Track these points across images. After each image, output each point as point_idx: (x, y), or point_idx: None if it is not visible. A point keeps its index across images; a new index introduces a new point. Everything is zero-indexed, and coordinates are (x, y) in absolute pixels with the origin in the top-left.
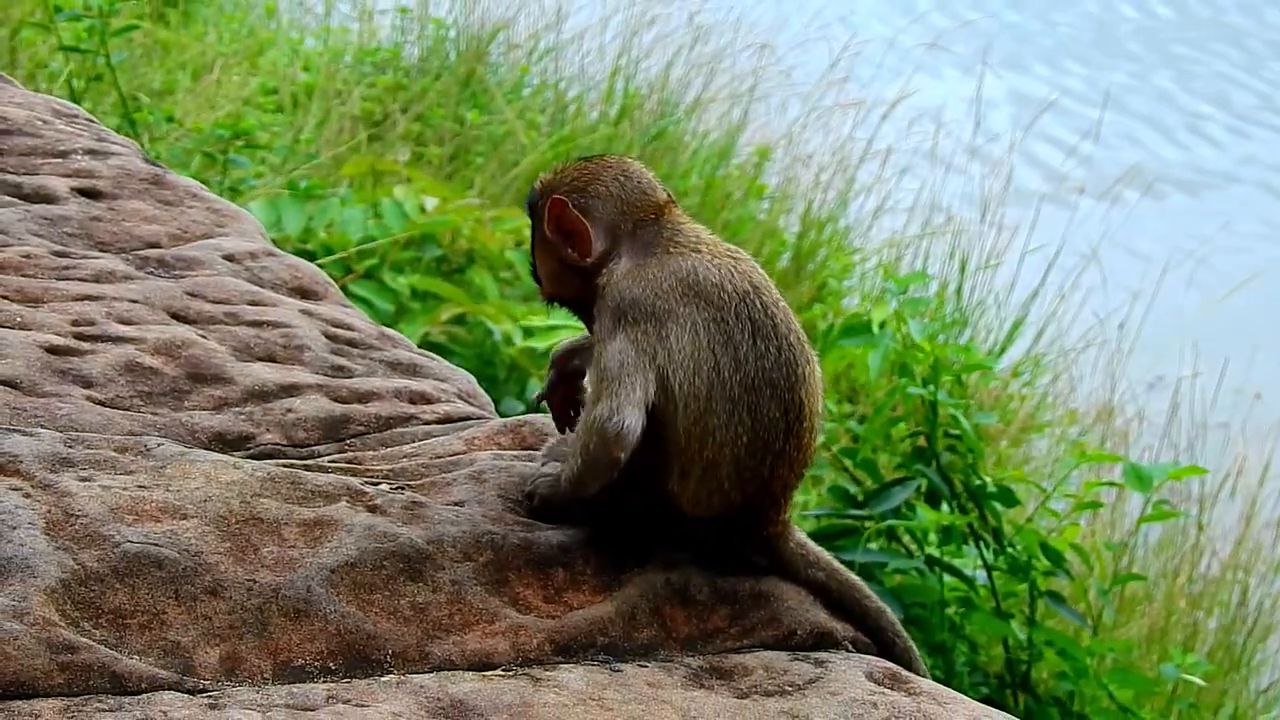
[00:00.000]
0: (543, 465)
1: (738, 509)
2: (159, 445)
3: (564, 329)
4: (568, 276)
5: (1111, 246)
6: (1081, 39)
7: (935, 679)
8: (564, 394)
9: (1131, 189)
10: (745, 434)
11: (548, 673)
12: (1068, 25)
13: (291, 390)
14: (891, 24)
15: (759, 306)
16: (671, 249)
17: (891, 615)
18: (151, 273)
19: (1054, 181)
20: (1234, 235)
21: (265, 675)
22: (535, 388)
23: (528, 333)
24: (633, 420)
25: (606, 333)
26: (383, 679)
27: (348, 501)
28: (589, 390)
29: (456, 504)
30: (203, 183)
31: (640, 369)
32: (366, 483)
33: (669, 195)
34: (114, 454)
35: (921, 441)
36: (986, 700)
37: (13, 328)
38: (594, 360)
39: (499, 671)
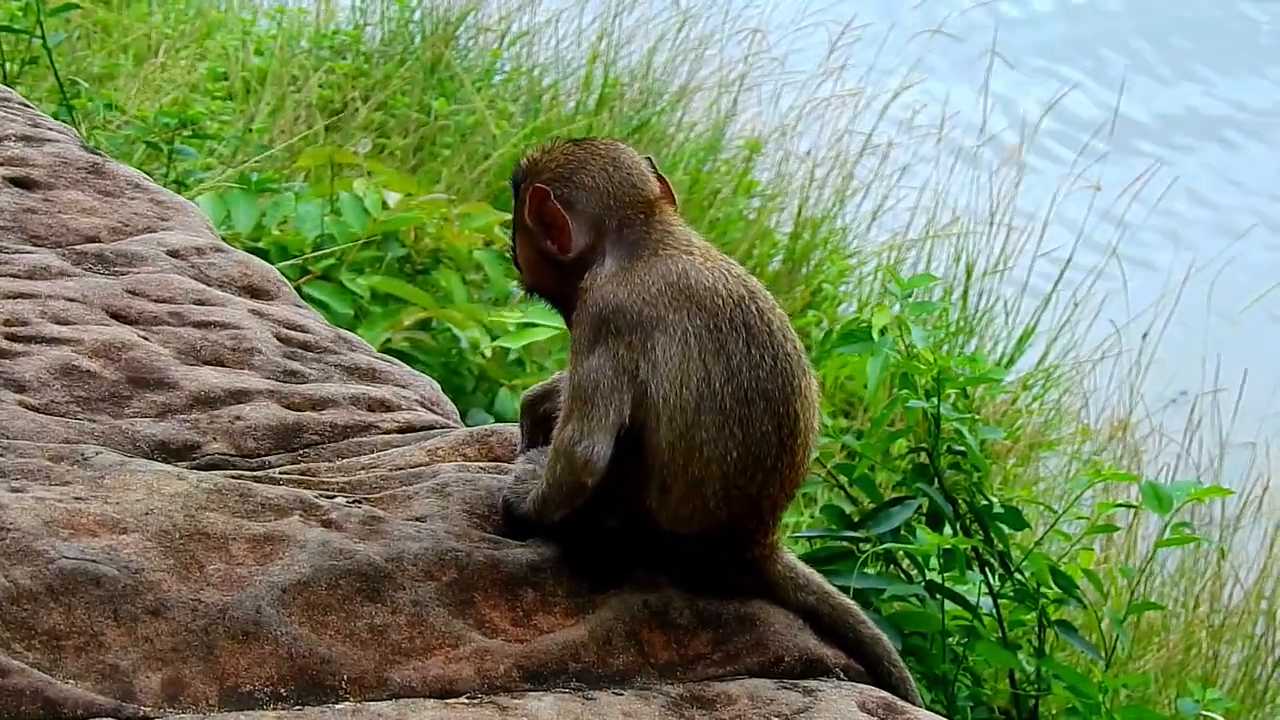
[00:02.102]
0: (515, 475)
1: (722, 528)
2: (97, 454)
3: (536, 328)
4: (546, 268)
5: (1129, 251)
6: (1100, 26)
7: (936, 714)
8: (543, 441)
9: (1151, 189)
10: (735, 449)
11: (516, 701)
12: (1086, 12)
13: (240, 396)
14: (893, 9)
15: (754, 312)
16: (660, 251)
17: (888, 643)
18: (90, 269)
19: (1067, 180)
20: (1260, 240)
21: (210, 702)
22: (505, 399)
23: (494, 336)
24: (602, 447)
25: (585, 346)
26: (337, 706)
27: (300, 516)
28: (561, 405)
29: (418, 519)
30: (147, 175)
31: (616, 389)
32: (321, 496)
33: (665, 188)
34: (48, 463)
35: (923, 458)
36: None
37: None
38: (569, 374)
39: (463, 699)
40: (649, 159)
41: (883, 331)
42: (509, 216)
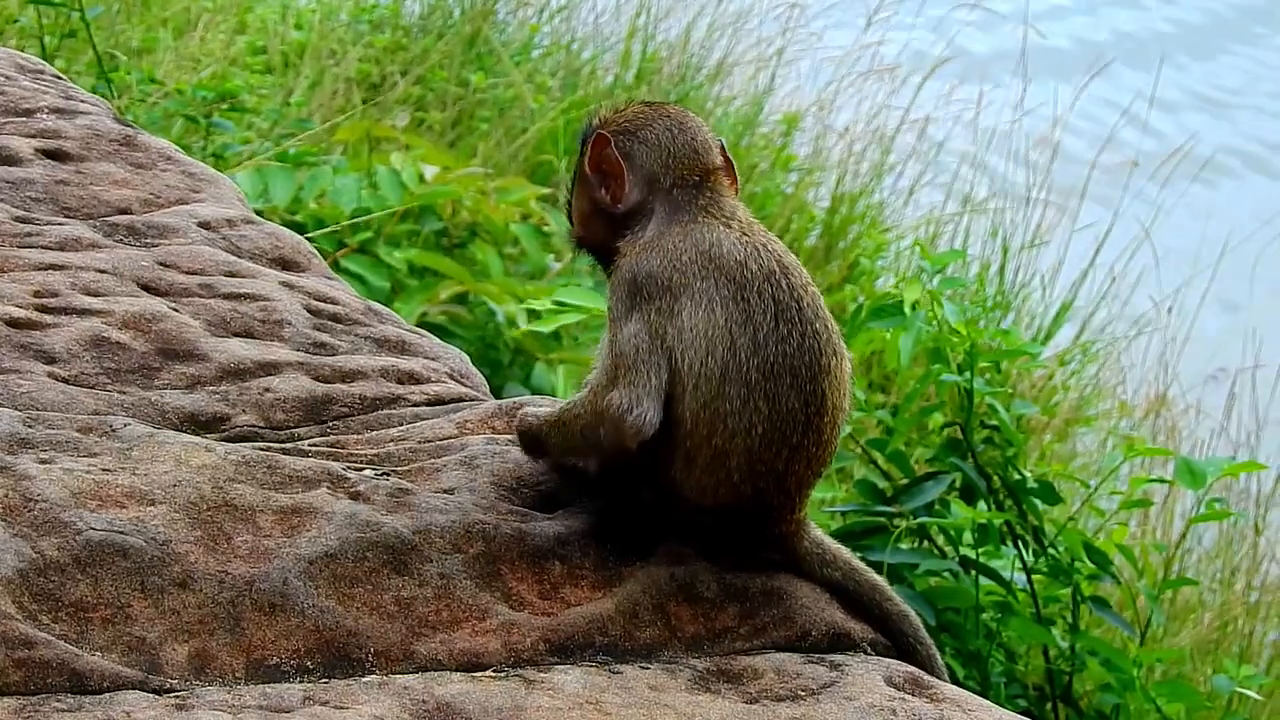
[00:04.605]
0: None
1: (748, 502)
2: (125, 426)
3: (571, 310)
4: (597, 221)
5: (1167, 225)
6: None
7: (969, 690)
8: None
9: (1189, 162)
10: (761, 423)
11: (542, 674)
12: None
13: (270, 368)
14: None
15: (785, 288)
16: (701, 218)
17: (915, 619)
18: (121, 241)
19: (1105, 154)
20: None
21: (237, 674)
22: (541, 373)
23: (533, 315)
24: (653, 414)
25: (622, 311)
26: (364, 679)
27: (328, 488)
28: (597, 363)
29: (446, 491)
30: (184, 149)
31: (654, 353)
32: (349, 468)
33: (726, 161)
34: (77, 435)
35: (956, 433)
36: (1024, 713)
37: None
38: (608, 338)
39: (489, 672)
40: (722, 141)
41: (915, 306)
42: (546, 191)
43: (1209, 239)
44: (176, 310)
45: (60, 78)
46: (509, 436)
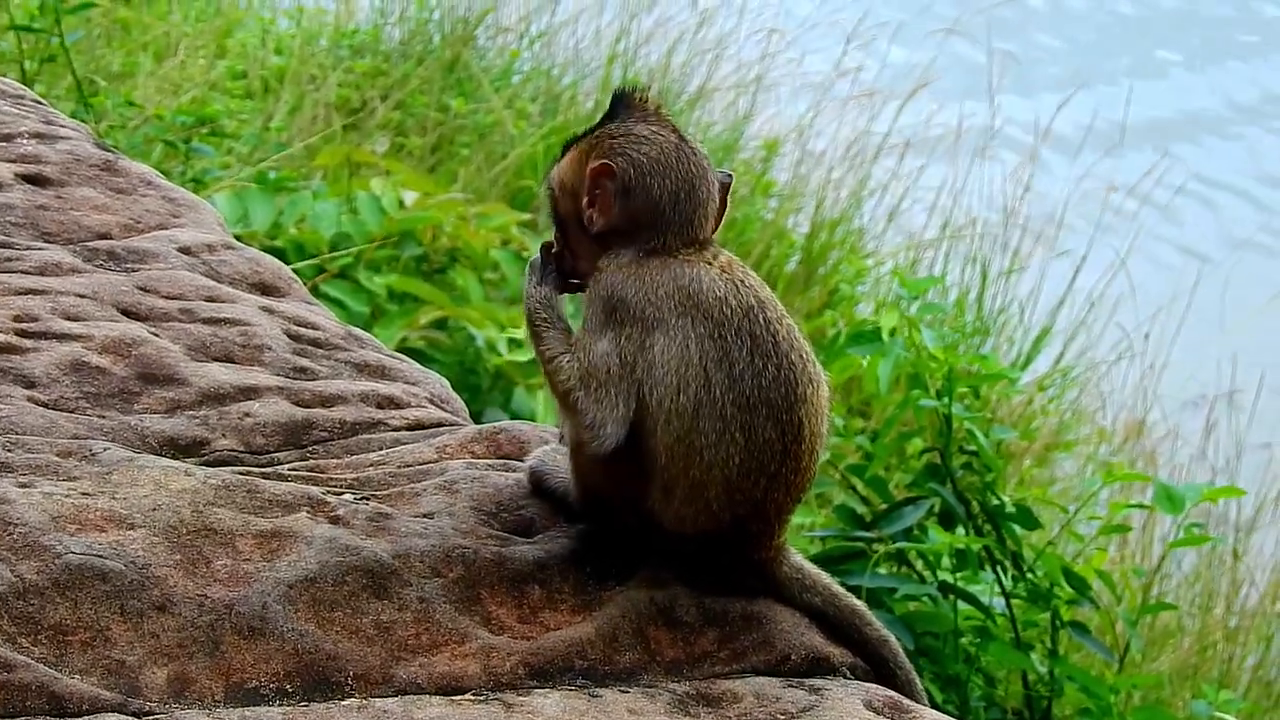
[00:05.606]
0: (530, 470)
1: (727, 530)
2: (105, 450)
3: None
4: (572, 206)
5: (1144, 250)
6: (1116, 24)
7: (948, 714)
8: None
9: (1165, 187)
10: (737, 454)
11: (521, 698)
12: (1099, 9)
13: (250, 393)
14: (908, 7)
15: (761, 322)
16: (680, 254)
17: (895, 645)
18: (101, 265)
19: (1082, 180)
20: (1276, 237)
21: (216, 697)
22: (521, 397)
23: (514, 343)
24: (614, 441)
25: (597, 323)
26: (343, 703)
27: (308, 512)
28: (573, 345)
29: (425, 516)
30: (164, 173)
31: (625, 379)
32: (329, 492)
33: (722, 204)
34: (56, 459)
35: (935, 458)
36: None
37: None
38: (582, 339)
39: (469, 696)
40: (728, 179)
41: (893, 333)
42: (526, 216)
43: (1186, 264)
44: (156, 335)
45: (41, 102)
46: (489, 461)
